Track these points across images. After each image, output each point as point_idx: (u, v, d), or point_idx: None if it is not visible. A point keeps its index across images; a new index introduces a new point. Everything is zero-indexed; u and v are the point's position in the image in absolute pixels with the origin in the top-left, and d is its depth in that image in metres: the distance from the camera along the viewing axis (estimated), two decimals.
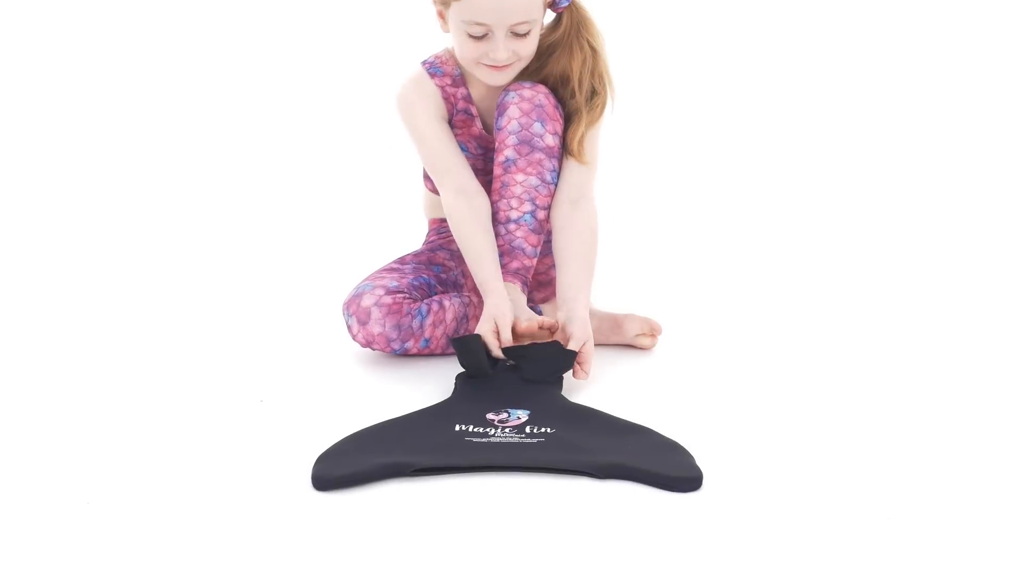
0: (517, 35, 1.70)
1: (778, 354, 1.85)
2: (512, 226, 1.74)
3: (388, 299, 1.76)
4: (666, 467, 1.41)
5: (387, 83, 1.89)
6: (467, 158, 1.84)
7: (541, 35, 1.77)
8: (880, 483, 1.40)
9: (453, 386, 1.66)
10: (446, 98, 1.82)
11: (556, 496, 1.37)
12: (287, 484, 1.41)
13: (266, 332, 1.94)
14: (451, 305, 1.81)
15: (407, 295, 1.79)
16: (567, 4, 1.75)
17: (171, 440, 1.53)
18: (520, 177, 1.74)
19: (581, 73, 1.78)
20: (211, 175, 2.82)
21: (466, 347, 1.66)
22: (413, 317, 1.77)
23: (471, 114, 1.83)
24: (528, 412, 1.56)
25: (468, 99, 1.83)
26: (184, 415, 1.61)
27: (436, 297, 1.81)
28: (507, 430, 1.52)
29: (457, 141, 1.84)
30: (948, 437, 1.54)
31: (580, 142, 1.79)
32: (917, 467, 1.45)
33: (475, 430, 1.51)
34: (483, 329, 1.69)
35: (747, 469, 1.44)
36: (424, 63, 1.84)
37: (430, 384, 1.70)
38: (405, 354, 1.80)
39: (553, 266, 1.84)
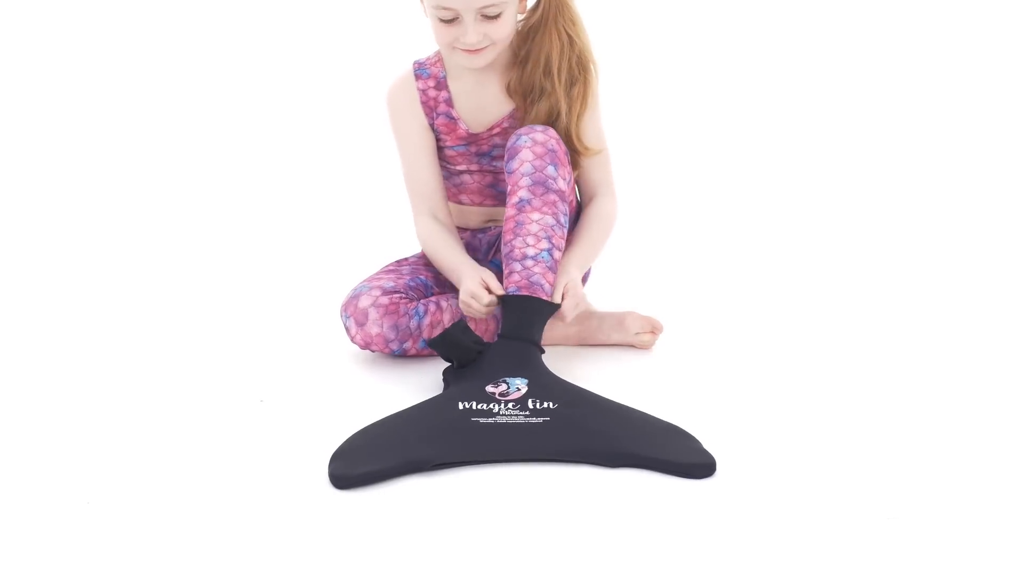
0: (487, 17, 1.69)
1: (779, 352, 1.85)
2: (529, 262, 1.70)
3: (385, 300, 1.75)
4: (677, 454, 1.43)
5: (384, 87, 1.89)
6: (456, 152, 1.85)
7: (523, 18, 1.77)
8: (882, 480, 1.41)
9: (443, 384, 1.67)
10: (425, 102, 1.83)
11: (572, 485, 1.39)
12: (290, 481, 1.40)
13: (266, 333, 1.93)
14: (448, 306, 1.80)
15: (404, 295, 1.78)
16: None
17: (172, 440, 1.52)
18: (536, 216, 1.72)
19: (560, 61, 1.77)
20: (210, 176, 2.82)
21: (445, 341, 1.65)
22: (411, 318, 1.76)
23: (452, 117, 1.83)
24: (526, 381, 1.57)
25: (449, 103, 1.83)
26: (184, 415, 1.60)
27: (434, 298, 1.80)
28: (510, 405, 1.52)
29: (445, 144, 1.86)
30: (947, 435, 1.54)
31: (577, 135, 1.79)
32: (917, 465, 1.46)
33: (479, 407, 1.52)
34: (470, 287, 1.70)
35: (749, 466, 1.44)
36: (415, 63, 1.85)
37: (429, 383, 1.69)
38: (404, 355, 1.79)
39: None
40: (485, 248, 1.92)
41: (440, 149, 1.87)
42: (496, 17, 1.69)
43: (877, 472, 1.43)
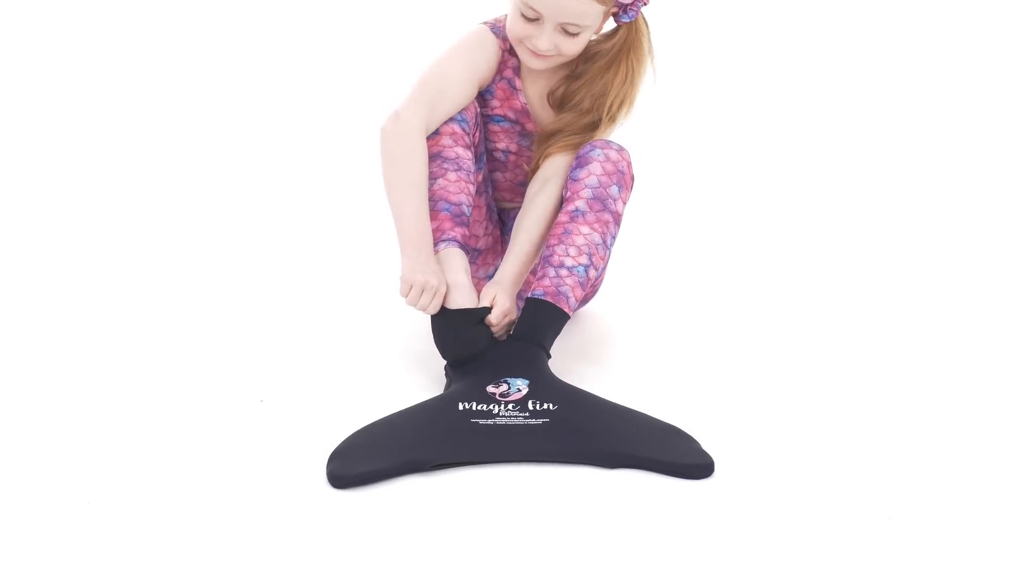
0: (567, 32, 1.70)
1: (778, 352, 1.85)
2: (564, 272, 1.71)
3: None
4: (676, 455, 1.44)
5: (390, 83, 1.89)
6: (503, 127, 1.84)
7: (593, 39, 1.76)
8: (881, 481, 1.42)
9: (445, 381, 1.67)
10: (500, 62, 1.81)
11: (571, 485, 1.40)
12: (289, 480, 1.40)
13: (266, 333, 1.94)
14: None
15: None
16: (629, 20, 1.74)
17: (171, 440, 1.52)
18: (586, 230, 1.72)
19: (617, 92, 1.77)
20: (211, 176, 2.82)
21: (467, 319, 1.64)
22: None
23: (515, 87, 1.82)
24: (527, 382, 1.57)
25: (516, 71, 1.82)
26: (184, 415, 1.60)
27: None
28: (510, 406, 1.53)
29: (494, 113, 1.83)
30: (946, 436, 1.55)
31: (545, 157, 1.80)
32: (916, 465, 1.46)
33: (479, 408, 1.52)
34: (434, 283, 1.65)
35: (748, 467, 1.44)
36: (486, 23, 1.83)
37: (429, 383, 1.69)
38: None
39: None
40: (511, 223, 1.91)
41: (486, 121, 1.84)
42: (574, 35, 1.70)
43: (876, 472, 1.43)
